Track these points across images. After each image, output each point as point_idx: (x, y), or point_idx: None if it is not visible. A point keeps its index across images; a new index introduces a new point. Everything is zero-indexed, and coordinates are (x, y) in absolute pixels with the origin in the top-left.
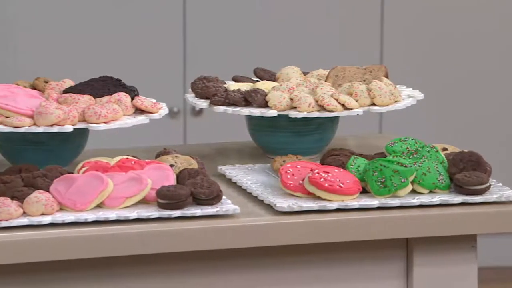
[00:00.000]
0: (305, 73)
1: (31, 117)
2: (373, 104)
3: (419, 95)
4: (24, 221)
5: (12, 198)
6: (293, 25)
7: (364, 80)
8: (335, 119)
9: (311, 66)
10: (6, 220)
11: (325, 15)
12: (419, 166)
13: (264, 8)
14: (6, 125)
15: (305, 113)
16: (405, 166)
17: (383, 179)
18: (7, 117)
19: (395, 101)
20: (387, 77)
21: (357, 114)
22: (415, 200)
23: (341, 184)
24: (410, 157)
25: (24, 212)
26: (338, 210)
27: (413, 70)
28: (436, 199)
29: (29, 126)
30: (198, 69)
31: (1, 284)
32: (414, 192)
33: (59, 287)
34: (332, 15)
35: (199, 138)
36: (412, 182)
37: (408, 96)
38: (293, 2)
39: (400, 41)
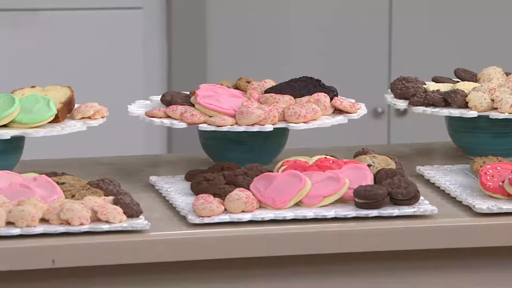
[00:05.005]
0: (507, 74)
1: (233, 116)
2: None
3: None
4: (225, 217)
5: (214, 195)
6: (496, 24)
7: None
8: None
9: None
10: (209, 216)
11: None
12: None
13: (466, 8)
14: (209, 124)
15: (507, 114)
16: None
17: None
18: (210, 117)
19: None
20: None
21: None
22: None
23: None
24: None
25: (225, 209)
26: None
27: None
28: None
29: (231, 125)
30: (402, 70)
31: (195, 280)
32: None
33: (252, 284)
34: None
35: (403, 138)
36: None
37: None
38: (496, 1)
39: None
